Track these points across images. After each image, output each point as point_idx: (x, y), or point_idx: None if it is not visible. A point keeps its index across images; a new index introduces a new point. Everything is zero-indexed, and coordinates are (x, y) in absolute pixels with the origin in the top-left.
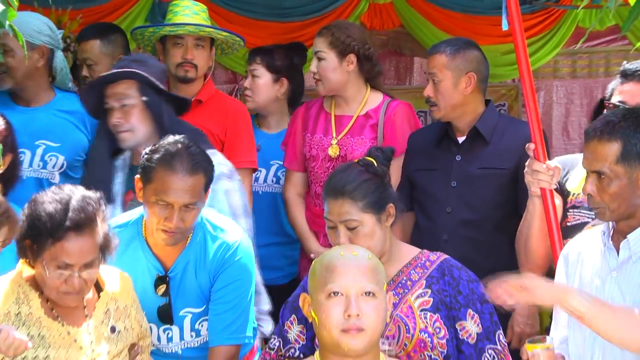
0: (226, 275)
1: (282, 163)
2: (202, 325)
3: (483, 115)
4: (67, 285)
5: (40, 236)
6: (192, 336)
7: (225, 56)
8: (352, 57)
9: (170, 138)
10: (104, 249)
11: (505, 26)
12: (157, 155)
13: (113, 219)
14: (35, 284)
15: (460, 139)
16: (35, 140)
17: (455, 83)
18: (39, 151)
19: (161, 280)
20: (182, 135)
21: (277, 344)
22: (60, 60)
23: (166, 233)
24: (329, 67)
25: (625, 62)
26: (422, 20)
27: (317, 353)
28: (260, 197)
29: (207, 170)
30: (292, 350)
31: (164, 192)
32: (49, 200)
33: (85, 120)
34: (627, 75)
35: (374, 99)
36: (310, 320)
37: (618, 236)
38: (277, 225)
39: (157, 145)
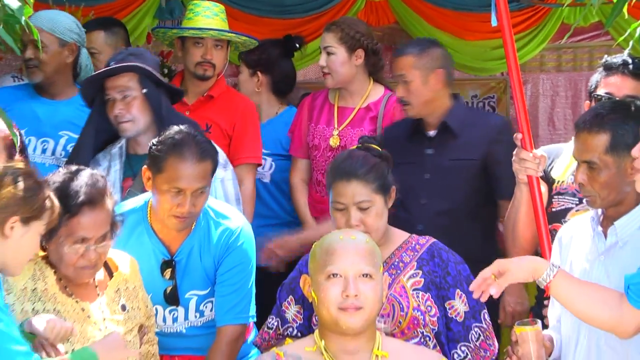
0: (231, 260)
1: (268, 152)
2: (206, 307)
3: (451, 109)
4: (84, 259)
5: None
6: (196, 316)
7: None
8: (360, 52)
9: (175, 128)
10: (113, 224)
11: (494, 22)
12: (165, 146)
13: (117, 206)
14: (50, 261)
15: (431, 133)
16: (58, 130)
17: (424, 81)
18: (62, 141)
19: (167, 264)
20: (185, 125)
21: (276, 323)
22: (85, 58)
23: (178, 219)
24: (339, 61)
25: (606, 55)
26: (416, 17)
27: (316, 331)
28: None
29: (213, 156)
30: (290, 329)
31: (176, 180)
32: (63, 180)
33: None
34: (611, 69)
35: (376, 92)
36: (310, 300)
37: (607, 222)
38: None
39: (162, 136)
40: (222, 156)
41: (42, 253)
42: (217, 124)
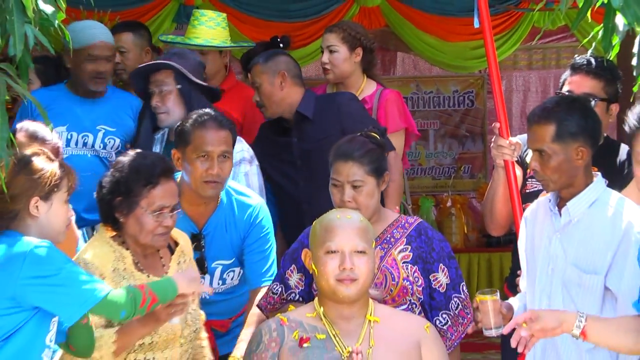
0: (256, 232)
1: None
2: (228, 275)
3: (302, 100)
4: (162, 227)
5: (136, 187)
6: (219, 284)
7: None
8: (359, 50)
9: (196, 111)
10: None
11: (476, 24)
12: (189, 122)
13: None
14: (122, 243)
15: (292, 124)
16: (96, 125)
17: (272, 83)
18: (100, 135)
19: (195, 237)
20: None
21: (280, 289)
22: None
23: (209, 184)
24: (341, 58)
25: (576, 55)
26: (404, 21)
27: (316, 299)
28: None
29: (231, 127)
30: (293, 295)
31: (202, 145)
32: (134, 159)
33: (132, 109)
34: (575, 68)
35: (370, 87)
36: (310, 272)
37: (562, 202)
38: None
39: (186, 117)
40: (249, 152)
41: (111, 233)
42: (229, 114)
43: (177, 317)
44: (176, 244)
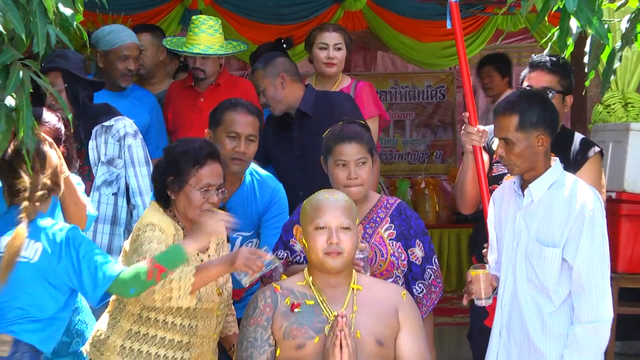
0: (274, 210)
1: None
2: (247, 245)
3: (303, 97)
4: (208, 203)
5: (186, 166)
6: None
7: None
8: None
9: (230, 98)
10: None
11: (449, 25)
12: (222, 106)
13: None
14: (174, 217)
15: (294, 119)
16: None
17: (274, 85)
18: None
19: (220, 210)
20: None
21: (285, 254)
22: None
23: (234, 161)
24: (343, 56)
25: (533, 54)
26: (383, 23)
27: (305, 270)
28: None
29: (259, 115)
30: (298, 258)
31: (232, 126)
32: (183, 144)
33: (149, 104)
34: (534, 65)
35: (345, 80)
36: (301, 246)
37: (525, 184)
38: None
39: (220, 103)
40: (132, 127)
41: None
42: None
43: (247, 279)
44: None
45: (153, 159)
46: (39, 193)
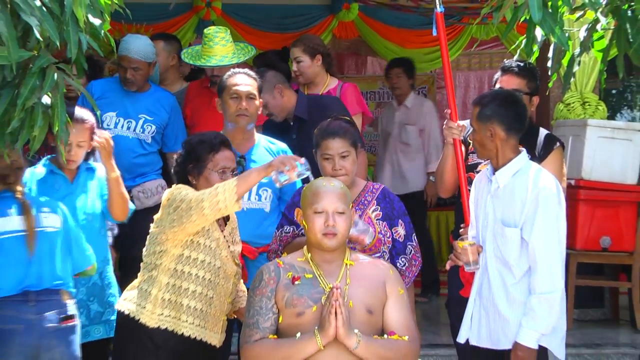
0: None
1: None
2: (263, 193)
3: (297, 103)
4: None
5: (204, 153)
6: (255, 198)
7: None
8: (319, 56)
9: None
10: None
11: (434, 32)
12: (224, 76)
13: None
14: None
15: (292, 124)
16: (138, 114)
17: (273, 96)
18: (140, 122)
19: (242, 158)
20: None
21: (291, 229)
22: (156, 68)
23: (240, 117)
24: (305, 65)
25: (505, 60)
26: (372, 32)
27: (305, 247)
28: None
29: (256, 79)
30: (303, 230)
31: (234, 87)
32: (198, 136)
33: (168, 104)
34: (504, 70)
35: (332, 82)
36: (301, 226)
37: (495, 172)
38: None
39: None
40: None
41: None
42: None
43: (282, 178)
44: (228, 217)
45: (172, 152)
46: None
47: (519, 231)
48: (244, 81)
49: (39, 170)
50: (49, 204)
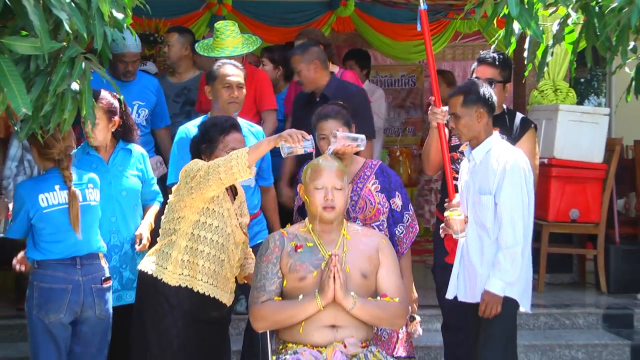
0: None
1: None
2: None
3: (328, 83)
4: None
5: (215, 135)
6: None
7: None
8: (320, 46)
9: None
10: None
11: (419, 28)
12: (215, 66)
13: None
14: None
15: (317, 99)
16: (132, 101)
17: (307, 69)
18: (135, 108)
19: None
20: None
21: (300, 203)
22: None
23: (232, 104)
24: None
25: (480, 51)
26: (367, 26)
27: (307, 219)
28: None
29: (243, 70)
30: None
31: (227, 77)
32: (211, 119)
33: (154, 87)
34: (480, 61)
35: (333, 69)
36: (303, 200)
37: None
38: None
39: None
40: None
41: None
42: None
43: (287, 149)
44: (237, 192)
45: (159, 128)
46: (72, 158)
47: (492, 197)
48: (234, 72)
49: (77, 152)
50: (92, 180)
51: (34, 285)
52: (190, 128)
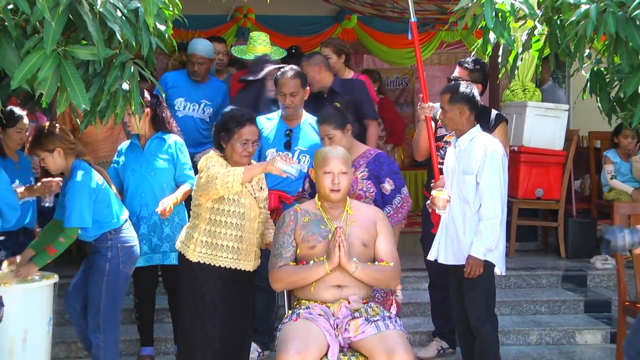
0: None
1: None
2: (302, 158)
3: (333, 82)
4: (246, 152)
5: (232, 126)
6: (297, 161)
7: None
8: (343, 55)
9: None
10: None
11: (410, 37)
12: (277, 75)
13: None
14: (225, 159)
15: (326, 96)
16: (200, 99)
17: (314, 71)
18: (202, 105)
19: (290, 131)
20: None
21: (307, 184)
22: (214, 64)
23: (287, 109)
24: (333, 61)
25: (460, 58)
26: (367, 36)
27: (316, 197)
28: None
29: (299, 77)
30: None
31: (281, 87)
32: (231, 111)
33: (222, 91)
34: (459, 65)
35: (349, 73)
36: (314, 182)
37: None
38: None
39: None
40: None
41: (218, 154)
42: None
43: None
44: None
45: None
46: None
47: (474, 177)
48: (288, 81)
49: (127, 143)
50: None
51: (117, 247)
52: None
